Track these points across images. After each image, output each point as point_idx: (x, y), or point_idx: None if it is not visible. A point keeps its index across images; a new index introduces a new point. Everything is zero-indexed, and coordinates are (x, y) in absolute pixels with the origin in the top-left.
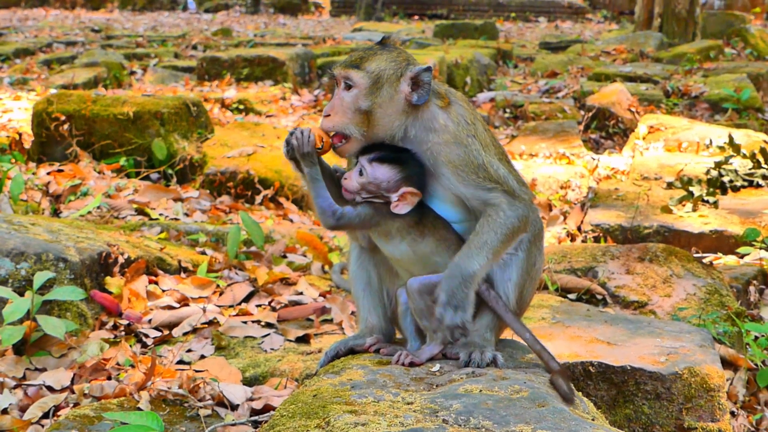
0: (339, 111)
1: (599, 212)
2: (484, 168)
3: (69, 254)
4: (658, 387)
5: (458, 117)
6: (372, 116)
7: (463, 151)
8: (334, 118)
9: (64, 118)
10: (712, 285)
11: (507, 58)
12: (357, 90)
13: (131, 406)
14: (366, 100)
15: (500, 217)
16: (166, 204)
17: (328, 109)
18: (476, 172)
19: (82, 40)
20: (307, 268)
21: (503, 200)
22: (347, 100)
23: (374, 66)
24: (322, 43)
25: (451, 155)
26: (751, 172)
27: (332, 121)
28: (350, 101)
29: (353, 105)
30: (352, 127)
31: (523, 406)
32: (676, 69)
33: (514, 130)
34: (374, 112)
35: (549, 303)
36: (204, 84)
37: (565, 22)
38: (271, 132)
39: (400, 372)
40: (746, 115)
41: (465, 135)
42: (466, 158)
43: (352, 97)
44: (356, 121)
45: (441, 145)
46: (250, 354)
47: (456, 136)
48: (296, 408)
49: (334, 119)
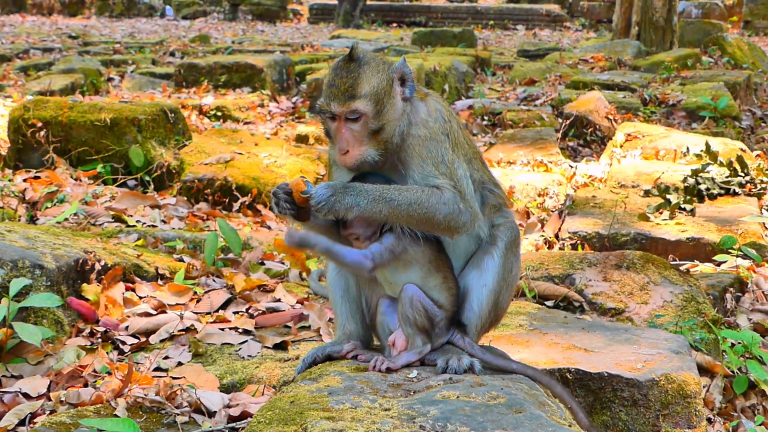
0: (354, 143)
1: (577, 220)
2: (446, 165)
3: (45, 261)
4: (635, 394)
5: (436, 112)
6: (383, 131)
7: (434, 146)
8: (354, 154)
9: (41, 124)
10: (689, 292)
11: (485, 65)
12: (365, 118)
13: (108, 413)
14: (376, 122)
15: (433, 197)
16: (144, 211)
17: (343, 146)
18: (437, 165)
19: (59, 46)
20: (284, 275)
21: (449, 191)
22: (358, 130)
23: (369, 87)
24: (301, 50)
25: (423, 151)
26: (728, 180)
27: (354, 157)
28: (361, 129)
29: (365, 131)
30: (371, 152)
31: (500, 412)
32: (654, 77)
33: (492, 138)
34: (385, 127)
35: (526, 310)
36: (182, 91)
37: (543, 30)
38: (249, 139)
39: (377, 378)
40: (723, 123)
41: (440, 131)
42: (434, 152)
43: (362, 125)
44: (372, 144)
45: (418, 138)
46: (227, 361)
47: (433, 131)
48: (273, 414)
49: (355, 153)
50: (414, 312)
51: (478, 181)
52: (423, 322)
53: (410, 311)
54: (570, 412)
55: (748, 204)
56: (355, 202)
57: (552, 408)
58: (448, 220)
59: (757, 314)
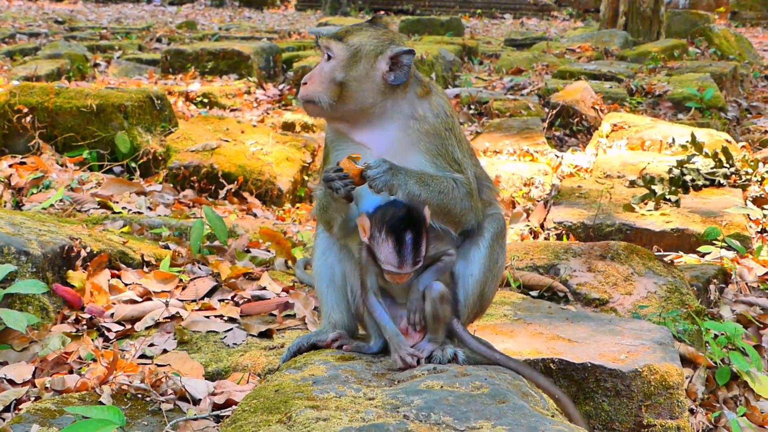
0: (316, 80)
1: (562, 210)
2: (458, 163)
3: (31, 247)
4: (618, 384)
5: (438, 108)
6: (346, 89)
7: (441, 143)
8: (309, 87)
9: (27, 110)
10: (673, 283)
11: (472, 54)
12: (335, 61)
13: (93, 400)
14: (341, 72)
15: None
16: (129, 198)
17: (307, 77)
18: (449, 163)
19: (45, 31)
20: (270, 264)
21: (465, 187)
22: (325, 70)
23: (356, 40)
24: (288, 37)
25: (430, 146)
26: (713, 171)
27: (306, 89)
28: (328, 71)
29: (329, 75)
30: (323, 96)
31: (484, 402)
32: (641, 67)
33: (478, 127)
34: (348, 85)
35: (511, 300)
36: (168, 77)
37: (530, 19)
38: (235, 126)
39: (362, 367)
40: (709, 114)
41: (443, 128)
42: (443, 150)
43: (330, 67)
44: (330, 91)
45: (420, 133)
46: (212, 349)
47: (435, 127)
48: (258, 403)
49: (309, 87)
50: (443, 310)
51: (477, 176)
52: (449, 317)
53: (440, 308)
54: (559, 404)
55: (732, 195)
56: (405, 181)
57: (535, 398)
58: (462, 215)
59: (740, 305)
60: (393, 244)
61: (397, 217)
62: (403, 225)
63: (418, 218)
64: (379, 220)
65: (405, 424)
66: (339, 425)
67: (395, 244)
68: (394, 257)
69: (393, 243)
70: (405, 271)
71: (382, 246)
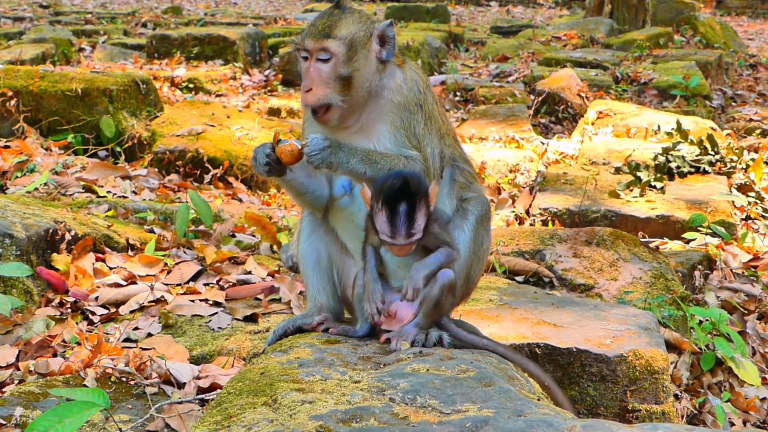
0: (319, 83)
1: (548, 196)
2: (417, 138)
3: (15, 230)
4: (603, 369)
5: (412, 82)
6: (352, 81)
7: (407, 116)
8: (316, 92)
9: (11, 93)
10: (658, 269)
11: (458, 41)
12: (335, 59)
13: (77, 383)
14: (345, 67)
15: (407, 167)
16: (114, 182)
17: (307, 84)
18: (409, 137)
19: (30, 15)
20: (255, 248)
21: (419, 165)
22: (326, 71)
23: (345, 31)
24: (273, 23)
25: (395, 117)
26: (698, 158)
27: (315, 95)
28: (329, 71)
29: (333, 74)
30: (335, 96)
31: (470, 385)
32: (626, 55)
33: (464, 114)
34: (354, 77)
35: (496, 285)
36: (153, 62)
37: (516, 6)
38: (220, 111)
39: (347, 351)
40: (694, 102)
41: (414, 102)
42: (406, 124)
43: (331, 66)
44: (338, 89)
45: (391, 104)
46: (197, 333)
47: (406, 99)
48: (243, 386)
49: (317, 93)
50: (446, 299)
51: (449, 156)
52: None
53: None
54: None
55: (717, 182)
56: (346, 159)
57: (521, 382)
58: None
59: (724, 292)
60: (387, 214)
61: (394, 188)
62: (398, 196)
63: (416, 191)
64: (378, 190)
65: (391, 407)
66: (325, 408)
67: (389, 214)
68: (387, 227)
69: (387, 213)
70: (398, 242)
71: (378, 216)
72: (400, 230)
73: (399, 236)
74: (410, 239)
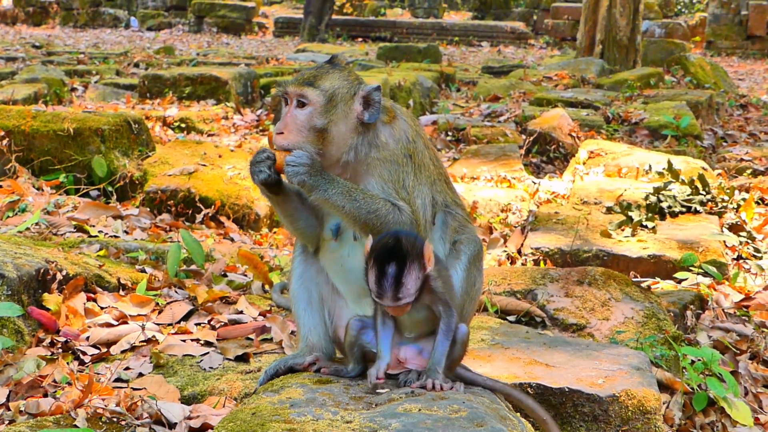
0: (293, 129)
1: (539, 235)
2: (406, 191)
3: (6, 270)
4: (595, 409)
5: (400, 133)
6: (327, 134)
7: (395, 169)
8: (288, 136)
9: (3, 133)
10: (650, 309)
11: (450, 81)
12: (312, 108)
13: (68, 423)
14: (321, 118)
15: (391, 214)
16: (106, 221)
17: (280, 126)
18: (397, 190)
19: (22, 55)
20: (247, 287)
21: (407, 215)
22: (301, 118)
23: (328, 84)
24: (266, 63)
25: (384, 172)
26: (689, 198)
27: (287, 139)
28: (304, 119)
29: (308, 123)
30: (308, 146)
31: (462, 425)
32: (617, 95)
33: (456, 153)
34: (329, 131)
35: (488, 325)
36: (146, 102)
37: (507, 47)
38: (212, 151)
39: (339, 390)
40: (685, 142)
41: (402, 154)
42: (395, 176)
43: (307, 114)
44: (311, 139)
45: (378, 160)
46: (188, 372)
47: (394, 153)
48: (235, 426)
49: (289, 137)
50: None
51: (441, 203)
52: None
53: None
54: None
55: (709, 222)
56: (324, 187)
57: (513, 422)
58: None
59: (717, 331)
60: (376, 274)
61: (386, 248)
62: (388, 257)
63: (408, 253)
64: (372, 249)
65: None
66: None
67: (377, 275)
68: (375, 287)
69: (376, 273)
70: (385, 303)
71: (369, 274)
72: (387, 292)
73: (386, 298)
74: (397, 303)
